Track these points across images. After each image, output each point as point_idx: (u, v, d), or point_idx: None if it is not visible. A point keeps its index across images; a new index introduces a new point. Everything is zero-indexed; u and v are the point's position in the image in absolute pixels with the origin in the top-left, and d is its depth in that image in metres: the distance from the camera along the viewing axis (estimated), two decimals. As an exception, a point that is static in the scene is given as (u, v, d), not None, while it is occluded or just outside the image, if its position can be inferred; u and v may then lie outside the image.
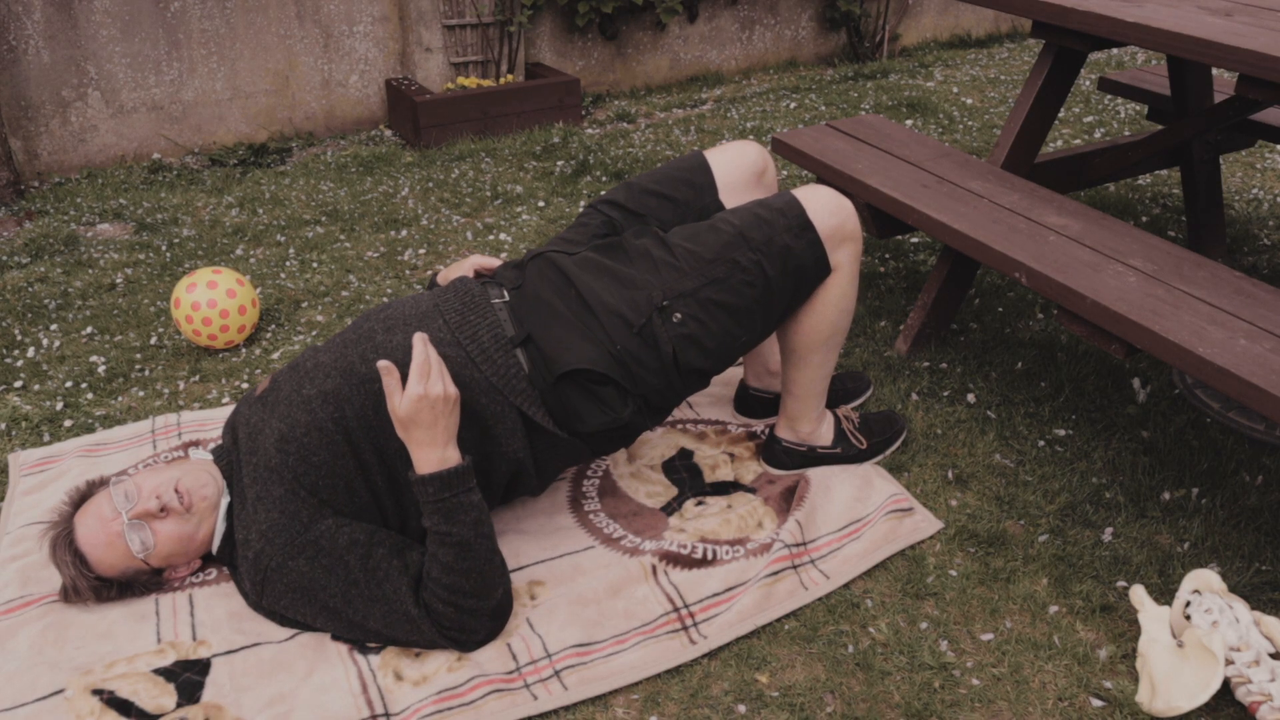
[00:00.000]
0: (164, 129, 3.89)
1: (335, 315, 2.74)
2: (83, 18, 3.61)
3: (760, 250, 1.75)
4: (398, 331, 1.70)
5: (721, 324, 1.75)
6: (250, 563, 1.64)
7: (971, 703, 1.58)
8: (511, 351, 1.70)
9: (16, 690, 1.57)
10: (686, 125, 4.27)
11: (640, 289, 1.73)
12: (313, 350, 1.75)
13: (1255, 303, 1.83)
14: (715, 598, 1.75)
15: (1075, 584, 1.80)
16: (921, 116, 4.31)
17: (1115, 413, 2.25)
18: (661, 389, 1.75)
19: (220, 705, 1.55)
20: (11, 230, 3.26)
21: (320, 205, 3.47)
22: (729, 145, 2.06)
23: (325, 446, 1.63)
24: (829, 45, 5.34)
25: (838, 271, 1.83)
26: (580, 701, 1.58)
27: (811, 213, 1.79)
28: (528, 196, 3.51)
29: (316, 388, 1.66)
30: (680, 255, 1.76)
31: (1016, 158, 2.48)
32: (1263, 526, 1.91)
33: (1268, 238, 3.14)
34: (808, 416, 2.02)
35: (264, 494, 1.63)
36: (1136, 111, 4.37)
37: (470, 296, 1.76)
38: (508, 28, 4.23)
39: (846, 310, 1.88)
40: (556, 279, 1.78)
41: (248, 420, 1.72)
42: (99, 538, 1.67)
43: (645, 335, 1.71)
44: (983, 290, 2.80)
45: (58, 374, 2.48)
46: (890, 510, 1.93)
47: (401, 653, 1.64)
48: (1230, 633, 1.56)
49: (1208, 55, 1.87)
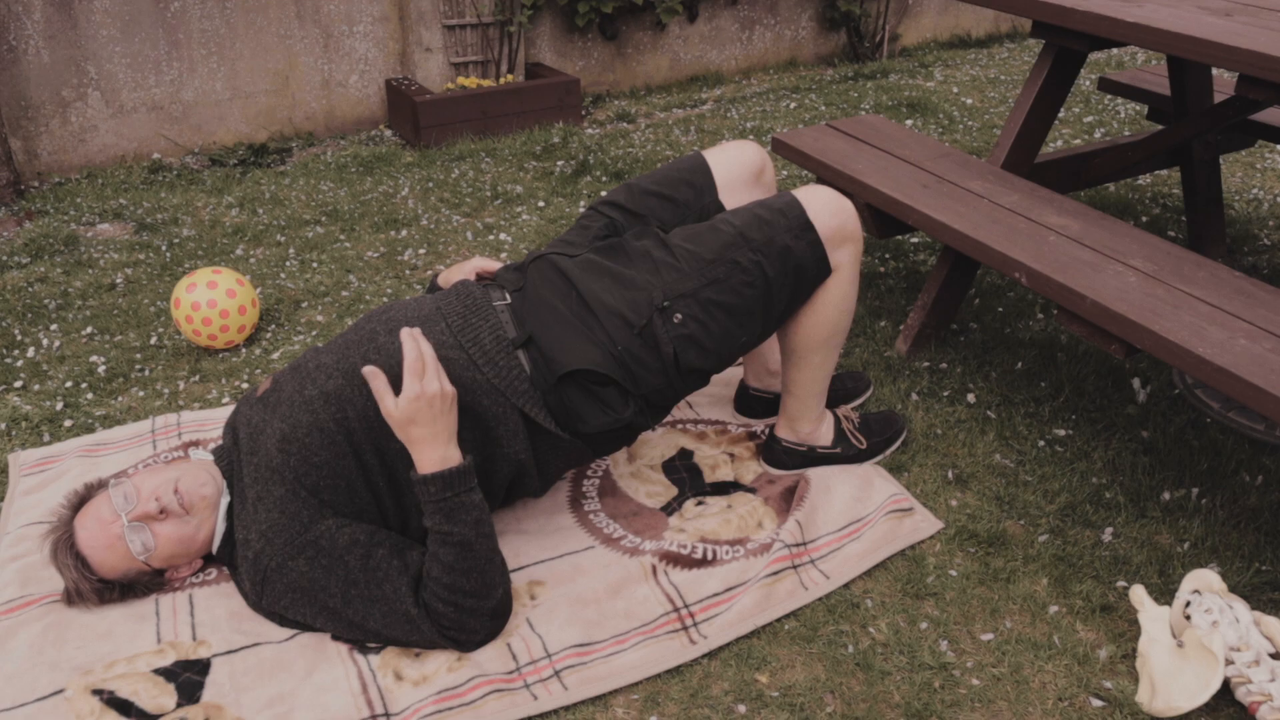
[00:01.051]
0: (164, 129, 3.89)
1: (335, 315, 2.74)
2: (83, 18, 3.61)
3: (760, 250, 1.76)
4: (400, 331, 1.70)
5: (721, 324, 1.75)
6: (250, 563, 1.64)
7: (971, 703, 1.58)
8: (513, 353, 1.70)
9: (16, 690, 1.57)
10: (686, 125, 4.27)
11: (640, 290, 1.74)
12: (314, 351, 1.75)
13: (1255, 303, 1.83)
14: (715, 598, 1.75)
15: (1075, 584, 1.80)
16: (921, 116, 4.31)
17: (1115, 413, 2.25)
18: (662, 389, 1.76)
19: (220, 705, 1.55)
20: (11, 230, 3.26)
21: (320, 205, 3.47)
22: (728, 145, 2.06)
23: (327, 447, 1.63)
24: (829, 45, 5.34)
25: (838, 272, 1.83)
26: (580, 701, 1.58)
27: (812, 213, 1.79)
28: (528, 196, 3.51)
29: (318, 388, 1.66)
30: (680, 256, 1.76)
31: (1016, 158, 2.48)
32: (1263, 526, 1.91)
33: (1268, 238, 3.14)
34: (808, 416, 2.02)
35: (264, 494, 1.63)
36: (1136, 111, 4.37)
37: (472, 299, 1.76)
38: (508, 28, 4.23)
39: (847, 310, 1.88)
40: (557, 280, 1.78)
41: (249, 421, 1.72)
42: (99, 540, 1.67)
43: (646, 336, 1.71)
44: (983, 290, 2.80)
45: (58, 374, 2.48)
46: (890, 510, 1.93)
47: (401, 653, 1.64)
48: (1230, 633, 1.56)
49: (1208, 55, 1.87)
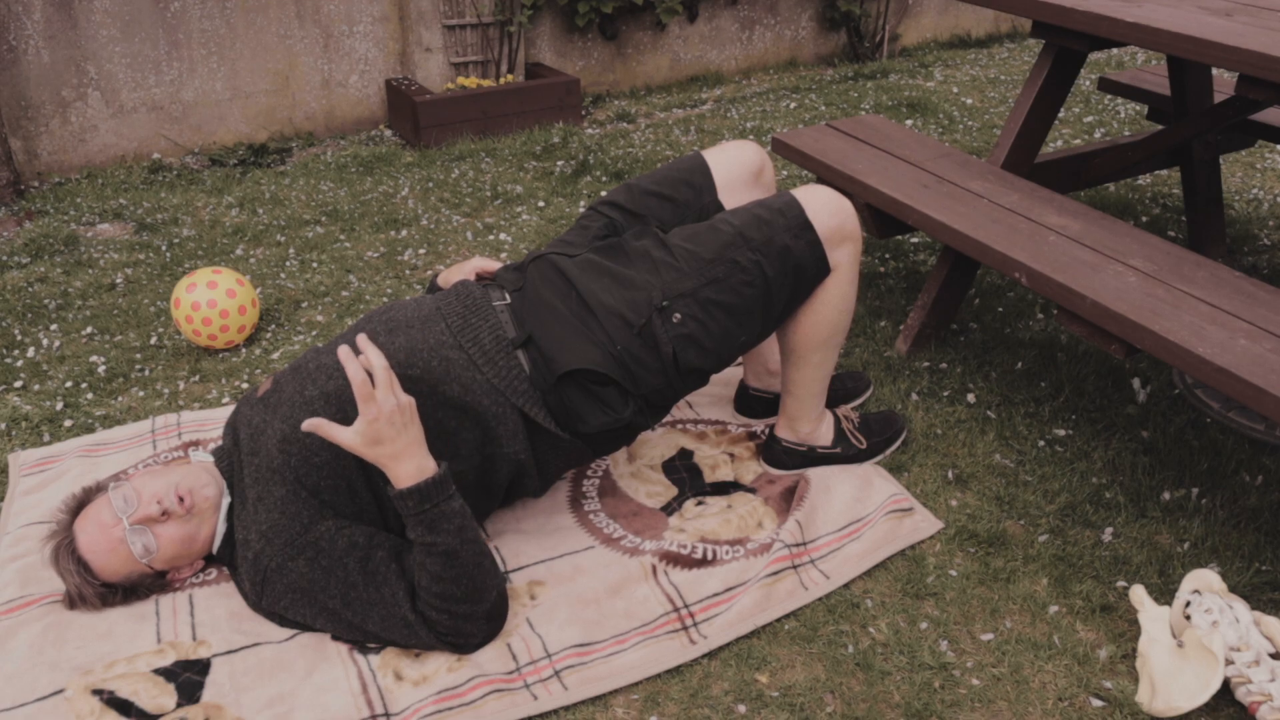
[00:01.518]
0: (164, 129, 3.89)
1: (335, 315, 2.74)
2: (83, 18, 3.61)
3: (760, 250, 1.76)
4: (400, 334, 1.70)
5: (721, 324, 1.75)
6: (250, 563, 1.64)
7: (971, 703, 1.58)
8: (513, 353, 1.70)
9: (16, 690, 1.57)
10: (686, 125, 4.27)
11: (640, 289, 1.74)
12: (315, 351, 1.75)
13: (1255, 303, 1.83)
14: (715, 598, 1.75)
15: (1075, 584, 1.80)
16: (921, 116, 4.31)
17: (1115, 413, 2.25)
18: (662, 388, 1.76)
19: (220, 705, 1.55)
20: (11, 230, 3.26)
21: (320, 205, 3.47)
22: (727, 145, 2.06)
23: (327, 447, 1.63)
24: (829, 45, 5.34)
25: (837, 271, 1.83)
26: (580, 701, 1.58)
27: (811, 213, 1.79)
28: (528, 196, 3.51)
29: (319, 388, 1.66)
30: (680, 255, 1.76)
31: (1016, 158, 2.48)
32: (1263, 526, 1.91)
33: (1268, 238, 3.14)
34: (808, 416, 2.02)
35: (265, 494, 1.63)
36: (1136, 111, 4.37)
37: (472, 299, 1.76)
38: (508, 28, 4.23)
39: (846, 310, 1.88)
40: (557, 280, 1.78)
41: (249, 421, 1.72)
42: (101, 544, 1.67)
43: (645, 336, 1.71)
44: (983, 290, 2.80)
45: (58, 374, 2.48)
46: (890, 510, 1.93)
47: (401, 653, 1.64)
48: (1230, 633, 1.56)
49: (1208, 55, 1.87)
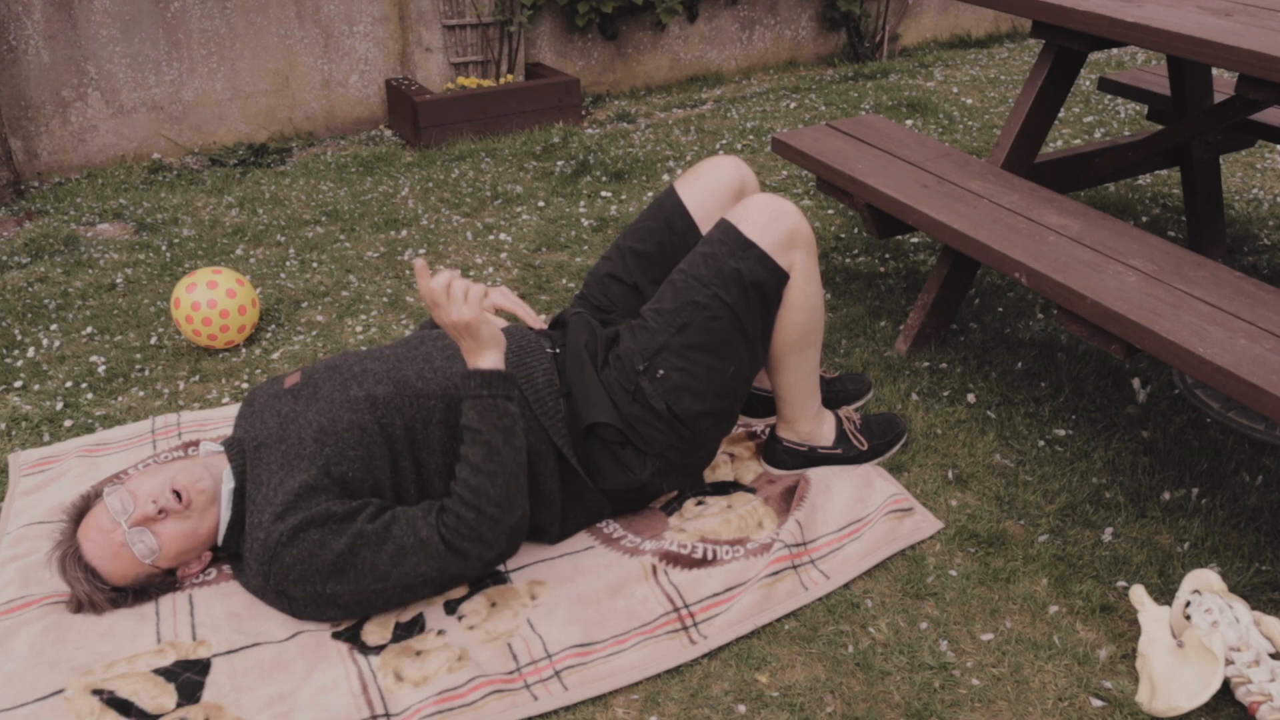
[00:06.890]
0: (164, 129, 3.89)
1: (335, 315, 2.74)
2: (83, 18, 3.61)
3: (712, 284, 1.82)
4: (457, 360, 1.79)
5: (703, 364, 1.81)
6: (260, 542, 1.64)
7: (971, 703, 1.58)
8: (558, 399, 1.81)
9: (16, 690, 1.57)
10: (686, 125, 4.27)
11: (624, 359, 1.83)
12: (356, 356, 1.81)
13: (1255, 303, 1.83)
14: (715, 598, 1.75)
15: (1075, 584, 1.80)
16: (921, 116, 4.31)
17: (1115, 413, 2.25)
18: (676, 444, 1.84)
19: (220, 705, 1.55)
20: (11, 230, 3.26)
21: (320, 205, 3.47)
22: (703, 168, 2.09)
23: (364, 444, 1.68)
24: (829, 45, 5.34)
25: (792, 273, 1.86)
26: (580, 702, 1.58)
27: (748, 230, 1.84)
28: (528, 196, 3.51)
29: (365, 391, 1.72)
30: (649, 318, 1.86)
31: (1016, 158, 2.48)
32: (1263, 526, 1.91)
33: (1268, 238, 3.14)
34: (804, 416, 2.02)
35: (287, 478, 1.65)
36: (1136, 111, 4.37)
37: (527, 341, 1.87)
38: (508, 28, 4.23)
39: (813, 309, 1.90)
40: (589, 339, 1.90)
41: (277, 410, 1.75)
42: (105, 550, 1.68)
43: (639, 399, 1.80)
44: (983, 290, 2.80)
45: (58, 374, 2.48)
46: (890, 510, 1.93)
47: (402, 652, 1.64)
48: (1230, 633, 1.56)
49: (1208, 55, 1.87)
